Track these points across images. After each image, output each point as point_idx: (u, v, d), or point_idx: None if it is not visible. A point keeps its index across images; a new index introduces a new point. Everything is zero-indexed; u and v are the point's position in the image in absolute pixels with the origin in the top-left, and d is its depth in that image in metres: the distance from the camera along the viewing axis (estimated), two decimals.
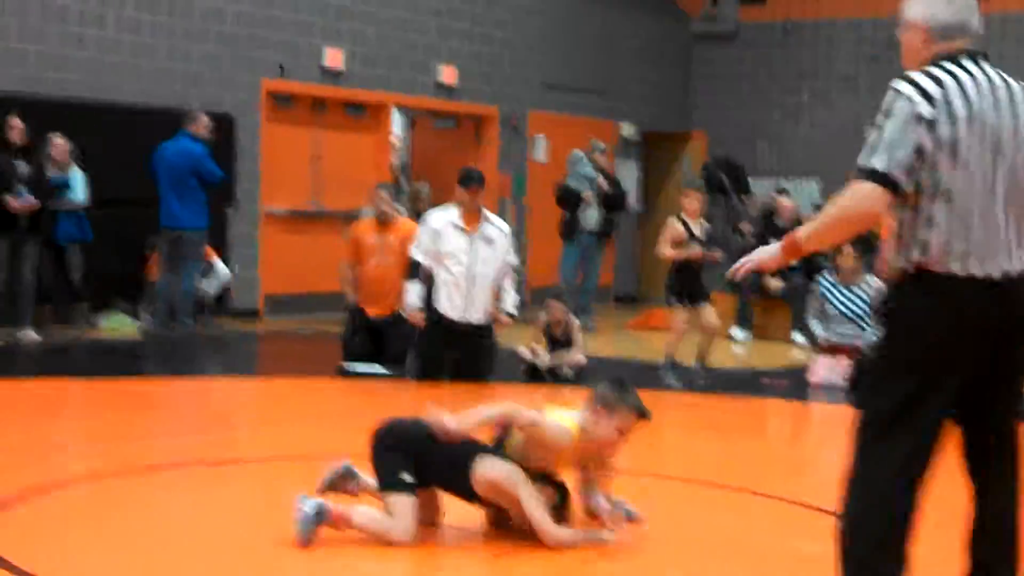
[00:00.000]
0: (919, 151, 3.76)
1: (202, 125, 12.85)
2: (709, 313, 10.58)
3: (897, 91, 3.81)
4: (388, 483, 5.18)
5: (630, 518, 5.45)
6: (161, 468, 6.68)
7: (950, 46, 3.89)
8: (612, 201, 15.24)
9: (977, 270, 3.77)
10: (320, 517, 5.06)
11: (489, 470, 5.18)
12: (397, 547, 5.06)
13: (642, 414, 5.24)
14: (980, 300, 3.78)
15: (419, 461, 5.19)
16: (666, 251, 10.45)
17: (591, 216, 15.07)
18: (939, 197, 3.78)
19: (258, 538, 5.20)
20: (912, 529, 3.86)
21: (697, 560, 5.21)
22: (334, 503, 5.15)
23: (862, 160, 3.80)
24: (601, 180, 15.07)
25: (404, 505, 5.12)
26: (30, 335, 11.84)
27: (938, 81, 3.81)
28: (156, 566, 4.88)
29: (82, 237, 12.51)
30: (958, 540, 4.05)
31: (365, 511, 5.18)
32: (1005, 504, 3.98)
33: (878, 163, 3.76)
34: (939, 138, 3.76)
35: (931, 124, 3.76)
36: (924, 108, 3.77)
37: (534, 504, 5.15)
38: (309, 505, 5.07)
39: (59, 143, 12.27)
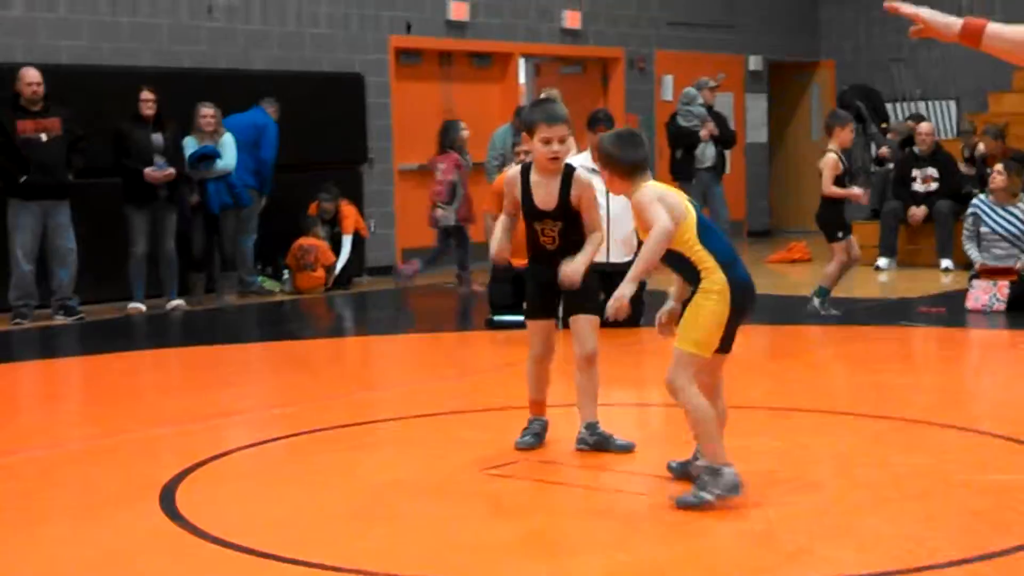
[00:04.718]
0: None
1: (275, 110, 13.10)
2: (855, 244, 10.53)
3: None
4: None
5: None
6: (345, 427, 6.70)
7: None
8: (724, 138, 15.09)
9: None
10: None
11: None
12: None
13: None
14: None
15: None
16: (834, 190, 10.24)
17: (707, 154, 14.93)
18: None
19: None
20: None
21: (896, 499, 5.15)
22: None
23: None
24: (709, 120, 14.83)
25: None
26: (177, 304, 12.03)
27: None
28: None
29: (236, 203, 12.52)
30: None
31: None
32: None
33: None
34: None
35: None
36: None
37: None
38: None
39: (207, 112, 12.36)
